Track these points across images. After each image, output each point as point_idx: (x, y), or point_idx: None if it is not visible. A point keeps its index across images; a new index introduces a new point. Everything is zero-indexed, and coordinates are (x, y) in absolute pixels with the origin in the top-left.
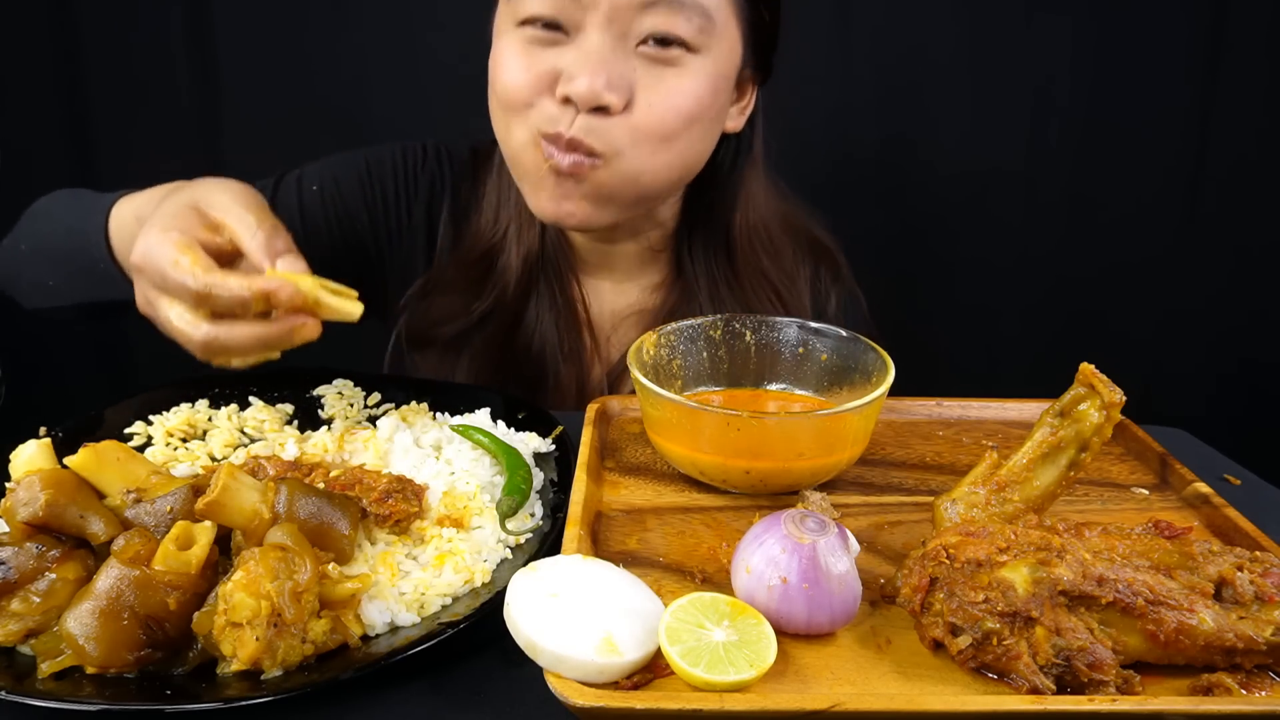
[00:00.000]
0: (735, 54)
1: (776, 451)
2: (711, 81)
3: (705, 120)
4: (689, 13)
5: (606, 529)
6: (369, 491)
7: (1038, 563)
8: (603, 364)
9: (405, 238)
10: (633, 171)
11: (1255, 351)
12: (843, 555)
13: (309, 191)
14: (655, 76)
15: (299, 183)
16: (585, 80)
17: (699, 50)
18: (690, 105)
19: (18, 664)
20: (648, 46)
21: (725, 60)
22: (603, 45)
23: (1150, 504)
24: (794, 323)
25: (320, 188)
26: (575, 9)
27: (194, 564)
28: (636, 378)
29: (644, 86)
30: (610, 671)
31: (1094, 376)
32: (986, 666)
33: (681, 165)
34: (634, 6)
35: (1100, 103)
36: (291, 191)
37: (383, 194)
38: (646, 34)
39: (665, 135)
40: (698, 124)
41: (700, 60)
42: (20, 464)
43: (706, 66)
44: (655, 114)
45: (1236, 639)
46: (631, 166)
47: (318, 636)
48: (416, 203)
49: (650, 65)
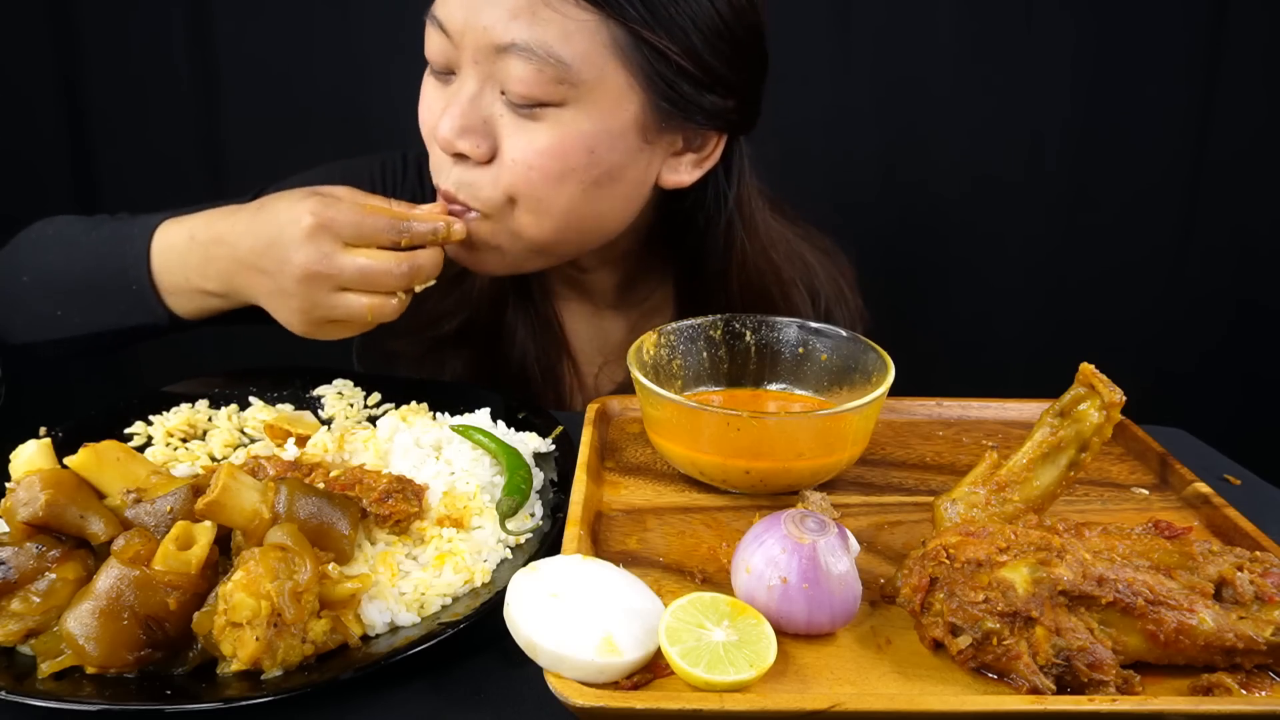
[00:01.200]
0: (627, 107)
1: (776, 451)
2: (583, 139)
3: (585, 180)
4: (540, 64)
5: (606, 529)
6: (369, 491)
7: (1038, 563)
8: (585, 396)
9: None
10: (514, 230)
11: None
12: (843, 555)
13: None
14: (517, 127)
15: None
16: (444, 123)
17: (564, 103)
18: (554, 166)
19: (18, 664)
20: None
21: (606, 114)
22: (469, 89)
23: (1150, 504)
24: (794, 323)
25: None
26: (452, 51)
27: (194, 564)
28: (636, 378)
29: (507, 137)
30: (610, 671)
31: (1094, 376)
32: (986, 666)
33: (576, 226)
34: (491, 51)
35: (1099, 104)
36: None
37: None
38: (505, 83)
39: (536, 195)
40: (572, 183)
41: (567, 115)
42: (20, 464)
43: (576, 121)
44: (518, 170)
45: (1236, 639)
46: (511, 225)
47: (318, 636)
48: None
49: (515, 117)
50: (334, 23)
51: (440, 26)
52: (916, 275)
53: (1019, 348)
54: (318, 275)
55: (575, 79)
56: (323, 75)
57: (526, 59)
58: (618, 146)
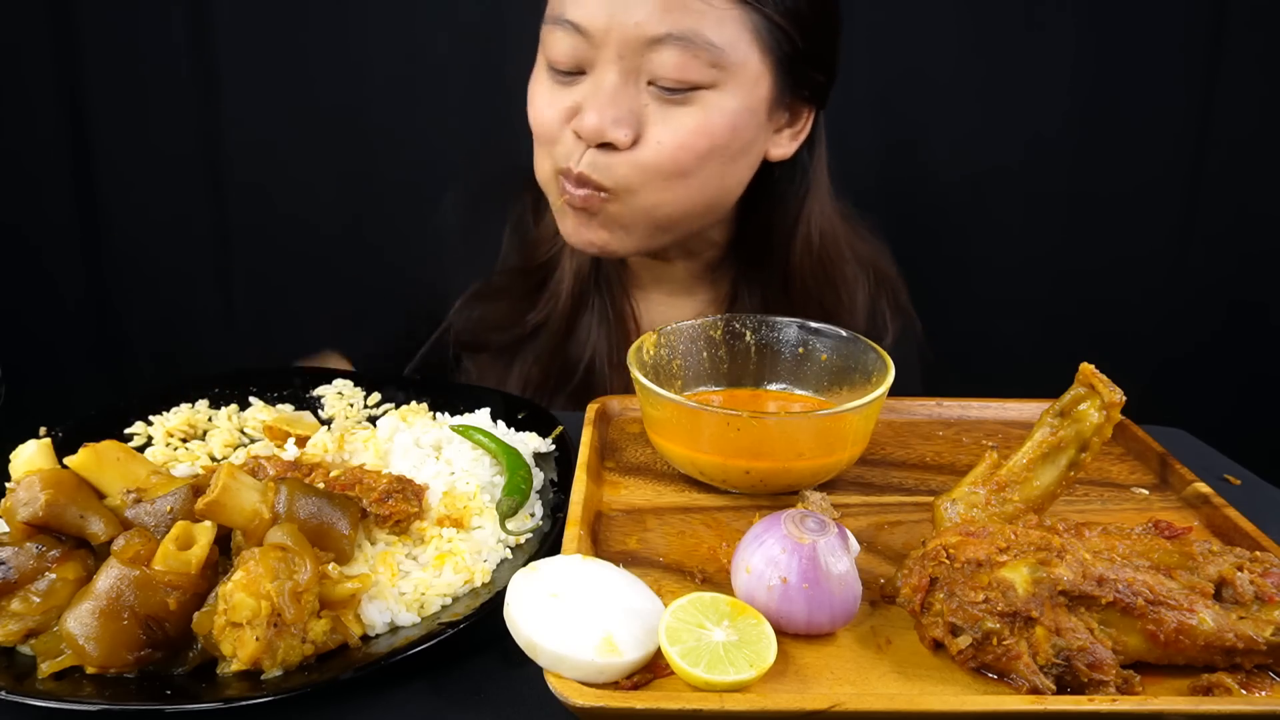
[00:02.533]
0: (761, 86)
1: (776, 451)
2: (729, 117)
3: (725, 155)
4: (697, 50)
5: (606, 529)
6: (369, 491)
7: (1038, 563)
8: None
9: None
10: (646, 205)
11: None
12: (843, 555)
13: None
14: (666, 113)
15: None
16: (593, 116)
17: (715, 86)
18: (702, 143)
19: (18, 664)
20: (658, 86)
21: (747, 94)
22: (613, 82)
23: (1150, 504)
24: (794, 323)
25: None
26: (589, 49)
27: (194, 564)
28: (636, 378)
29: (655, 123)
30: (610, 671)
31: (1094, 376)
32: (986, 666)
33: (702, 199)
34: (642, 44)
35: (1100, 102)
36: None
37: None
38: (656, 73)
39: (676, 171)
40: (714, 159)
41: (716, 95)
42: (20, 464)
43: (724, 102)
44: (665, 151)
45: (1236, 639)
46: (643, 201)
47: (318, 636)
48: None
49: (662, 102)
50: (334, 23)
51: (576, 28)
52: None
53: (1019, 347)
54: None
55: (725, 62)
56: (323, 75)
57: (682, 47)
58: (752, 123)
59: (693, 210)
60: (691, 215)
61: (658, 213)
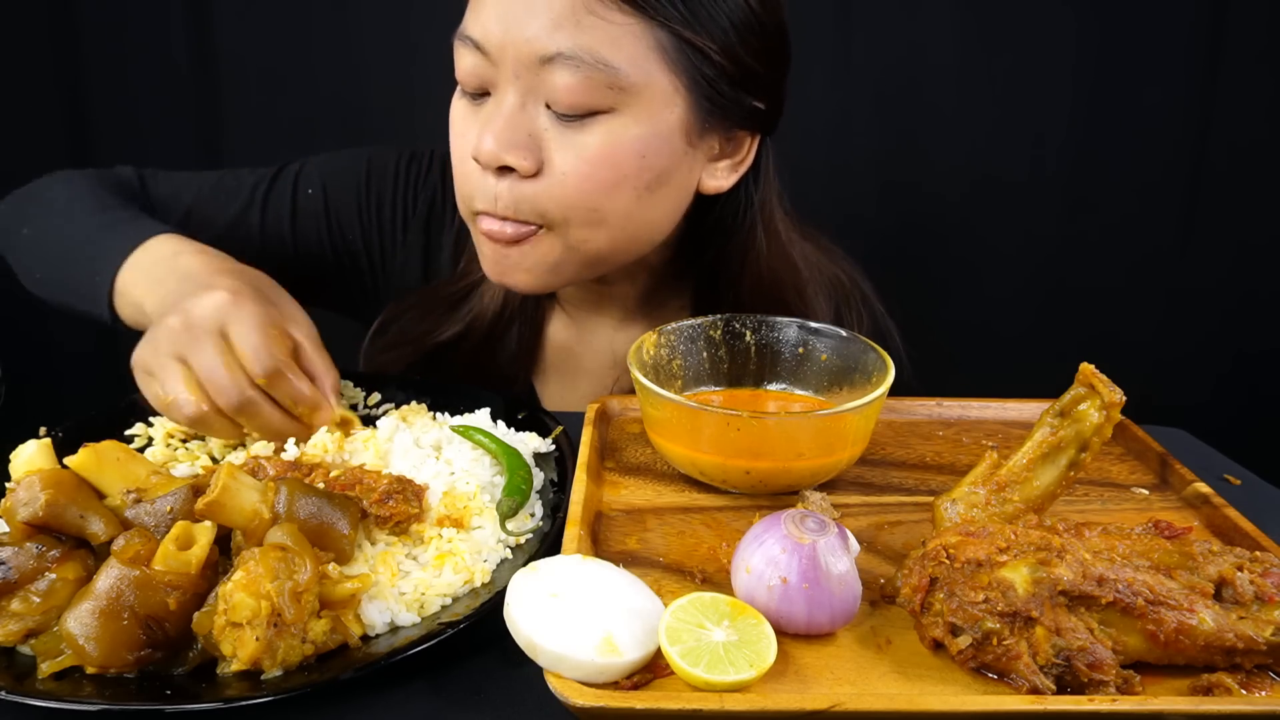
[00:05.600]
0: (673, 111)
1: (776, 451)
2: (634, 144)
3: (638, 186)
4: (590, 70)
5: (606, 529)
6: (369, 492)
7: (1038, 563)
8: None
9: (400, 253)
10: (573, 242)
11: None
12: (843, 555)
13: (304, 195)
14: (566, 140)
15: (296, 181)
16: (489, 139)
17: (615, 110)
18: (605, 174)
19: (18, 664)
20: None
21: (655, 119)
22: (510, 104)
23: (1150, 504)
24: (794, 323)
25: (314, 192)
26: (489, 68)
27: (194, 564)
28: (636, 378)
29: (556, 149)
30: (610, 671)
31: (1094, 376)
32: (986, 666)
33: (626, 235)
34: (535, 63)
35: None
36: (287, 190)
37: (378, 205)
38: (552, 96)
39: (589, 206)
40: (626, 190)
41: (618, 120)
42: (20, 464)
43: (626, 128)
44: (570, 182)
45: (1236, 639)
46: (571, 238)
47: (318, 636)
48: (414, 218)
49: (562, 128)
50: (334, 22)
51: (475, 45)
52: (916, 276)
53: (1019, 348)
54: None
55: (624, 83)
56: (323, 75)
57: (574, 67)
58: (665, 150)
59: (619, 248)
60: (618, 251)
61: (584, 249)
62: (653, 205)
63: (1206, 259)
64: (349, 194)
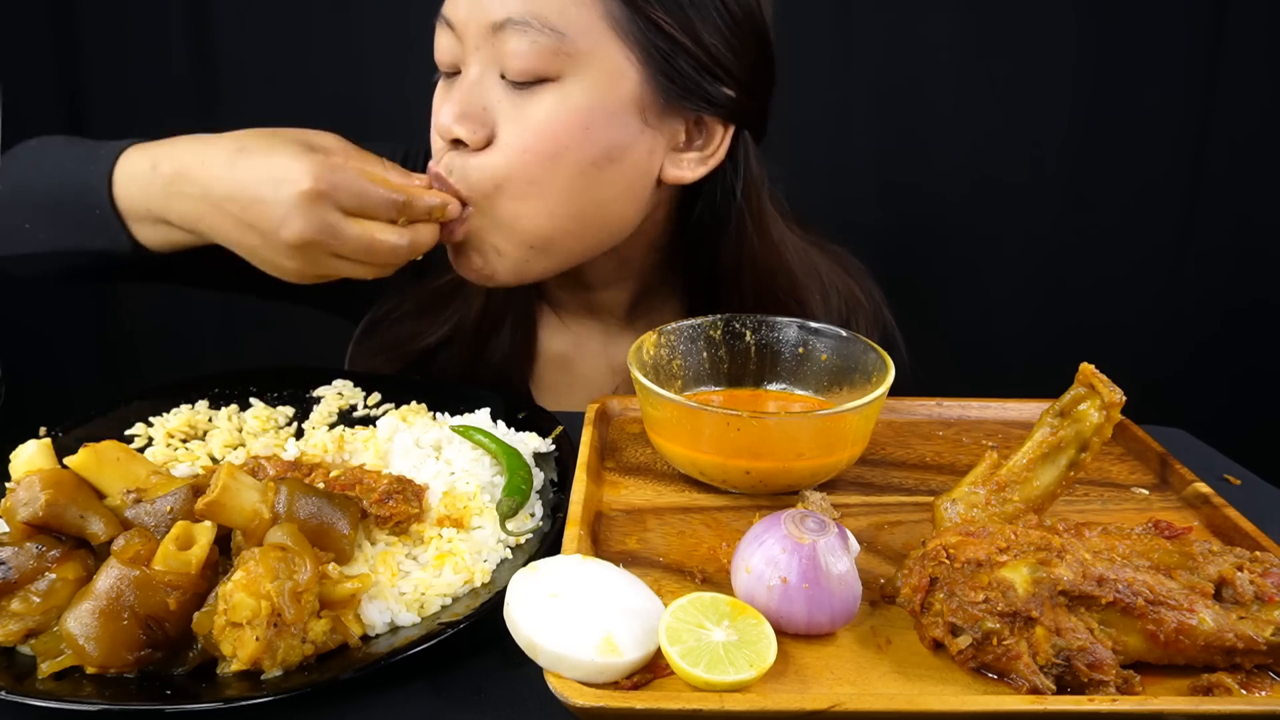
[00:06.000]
0: (624, 84)
1: (776, 451)
2: (578, 115)
3: (582, 160)
4: (537, 35)
5: (606, 529)
6: (369, 492)
7: (1038, 563)
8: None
9: None
10: (506, 219)
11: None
12: (843, 555)
13: None
14: (514, 113)
15: None
16: (446, 110)
17: (561, 77)
18: (546, 144)
19: (18, 664)
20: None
21: (603, 91)
22: (471, 77)
23: (1150, 504)
24: (794, 323)
25: None
26: (458, 46)
27: (194, 564)
28: (636, 378)
29: (504, 123)
30: (610, 671)
31: (1094, 376)
32: (986, 666)
33: (568, 214)
34: (489, 31)
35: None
36: None
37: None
38: (502, 62)
39: (526, 177)
40: (565, 163)
41: (563, 88)
42: (20, 464)
43: (571, 96)
44: (510, 153)
45: (1236, 639)
46: (503, 213)
47: (318, 636)
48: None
49: (511, 100)
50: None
51: (448, 24)
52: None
53: (1019, 348)
54: (317, 244)
55: (572, 49)
56: (323, 76)
57: (522, 31)
58: (615, 123)
59: (564, 228)
60: (566, 234)
61: (519, 226)
62: (601, 184)
63: (1206, 259)
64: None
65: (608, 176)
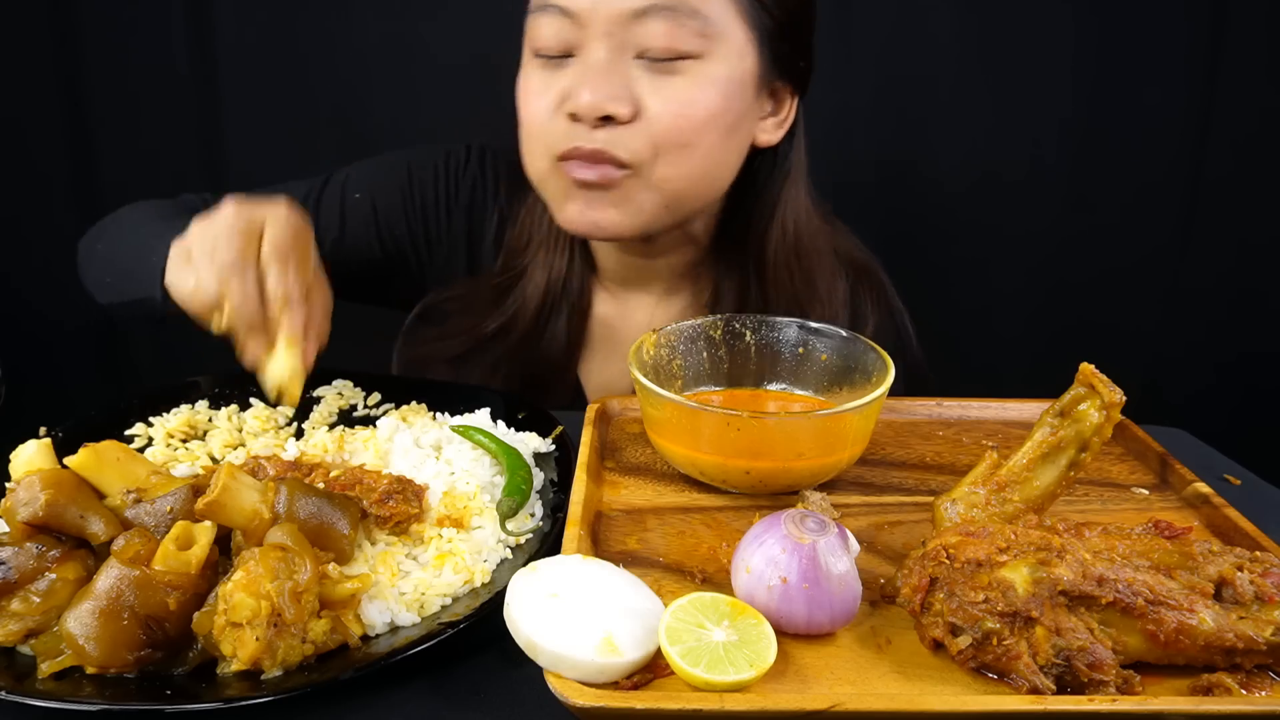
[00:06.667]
0: (746, 59)
1: (776, 451)
2: (720, 86)
3: (722, 126)
4: (682, 18)
5: (606, 529)
6: (369, 492)
7: (1038, 563)
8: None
9: (445, 244)
10: (658, 179)
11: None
12: (843, 555)
13: (351, 199)
14: (660, 84)
15: (343, 187)
16: (587, 93)
17: (702, 56)
18: (699, 111)
19: (18, 664)
20: (647, 57)
21: (734, 65)
22: (602, 59)
23: (1150, 504)
24: (794, 323)
25: (361, 196)
26: (575, 31)
27: (194, 564)
28: (636, 378)
29: (650, 94)
30: (610, 671)
31: (1094, 376)
32: (986, 666)
33: (706, 174)
34: (627, 18)
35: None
36: (335, 195)
37: (422, 204)
38: (644, 45)
39: (682, 142)
40: (712, 130)
41: (705, 65)
42: (20, 464)
43: (712, 70)
44: (667, 120)
45: (1236, 639)
46: (657, 174)
47: (318, 636)
48: (456, 210)
49: (654, 75)
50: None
51: (563, 12)
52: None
53: (1019, 348)
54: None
55: (710, 31)
56: (323, 76)
57: (667, 17)
58: (742, 95)
59: (697, 185)
60: (695, 192)
61: (666, 187)
62: (727, 149)
63: (1207, 258)
64: (394, 194)
65: (732, 142)
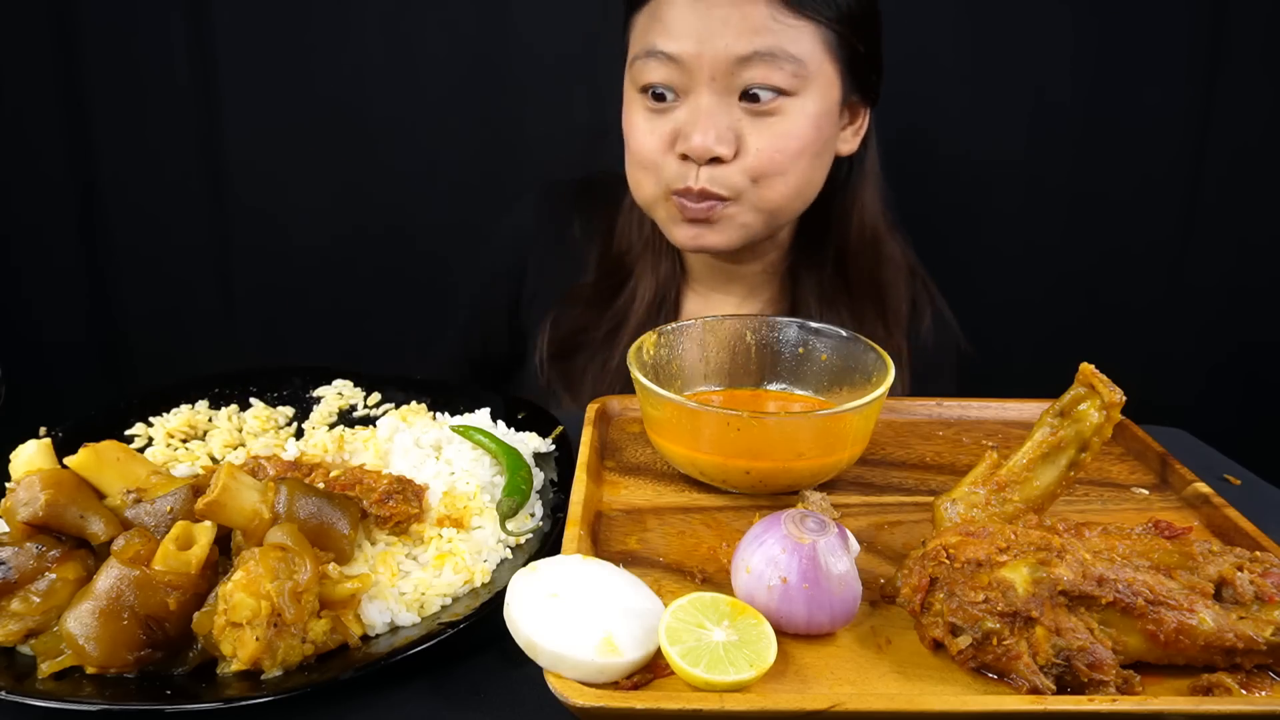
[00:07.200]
0: (834, 90)
1: (776, 451)
2: (812, 120)
3: (812, 153)
4: (781, 63)
5: (606, 529)
6: (369, 492)
7: (1038, 563)
8: None
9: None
10: (755, 203)
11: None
12: (843, 555)
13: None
14: (758, 124)
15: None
16: (698, 138)
17: (796, 93)
18: (794, 145)
19: (18, 664)
20: (749, 99)
21: (824, 98)
22: (710, 104)
23: (1150, 504)
24: (794, 323)
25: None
26: (683, 75)
27: (194, 564)
28: (636, 378)
29: (751, 133)
30: (610, 671)
31: (1094, 376)
32: (986, 666)
33: (798, 193)
34: (732, 64)
35: (1100, 98)
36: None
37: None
38: (746, 86)
39: (776, 172)
40: (805, 157)
41: (799, 102)
42: (20, 464)
43: (806, 107)
44: (765, 156)
45: (1236, 639)
46: (754, 200)
47: (318, 636)
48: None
49: (753, 115)
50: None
51: (670, 58)
52: None
53: (1019, 347)
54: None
55: (805, 71)
56: (323, 76)
57: (769, 61)
58: (829, 123)
59: (792, 203)
60: (791, 208)
61: (764, 207)
62: (818, 168)
63: (1207, 258)
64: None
65: (822, 161)
